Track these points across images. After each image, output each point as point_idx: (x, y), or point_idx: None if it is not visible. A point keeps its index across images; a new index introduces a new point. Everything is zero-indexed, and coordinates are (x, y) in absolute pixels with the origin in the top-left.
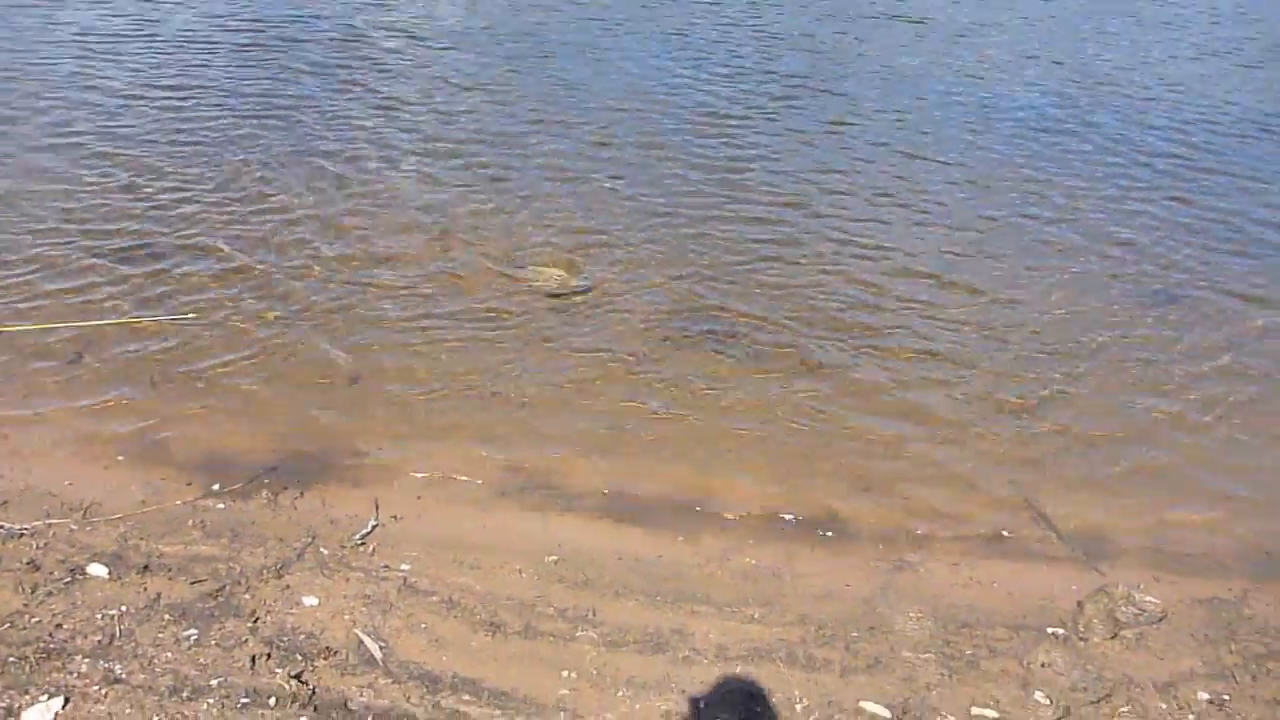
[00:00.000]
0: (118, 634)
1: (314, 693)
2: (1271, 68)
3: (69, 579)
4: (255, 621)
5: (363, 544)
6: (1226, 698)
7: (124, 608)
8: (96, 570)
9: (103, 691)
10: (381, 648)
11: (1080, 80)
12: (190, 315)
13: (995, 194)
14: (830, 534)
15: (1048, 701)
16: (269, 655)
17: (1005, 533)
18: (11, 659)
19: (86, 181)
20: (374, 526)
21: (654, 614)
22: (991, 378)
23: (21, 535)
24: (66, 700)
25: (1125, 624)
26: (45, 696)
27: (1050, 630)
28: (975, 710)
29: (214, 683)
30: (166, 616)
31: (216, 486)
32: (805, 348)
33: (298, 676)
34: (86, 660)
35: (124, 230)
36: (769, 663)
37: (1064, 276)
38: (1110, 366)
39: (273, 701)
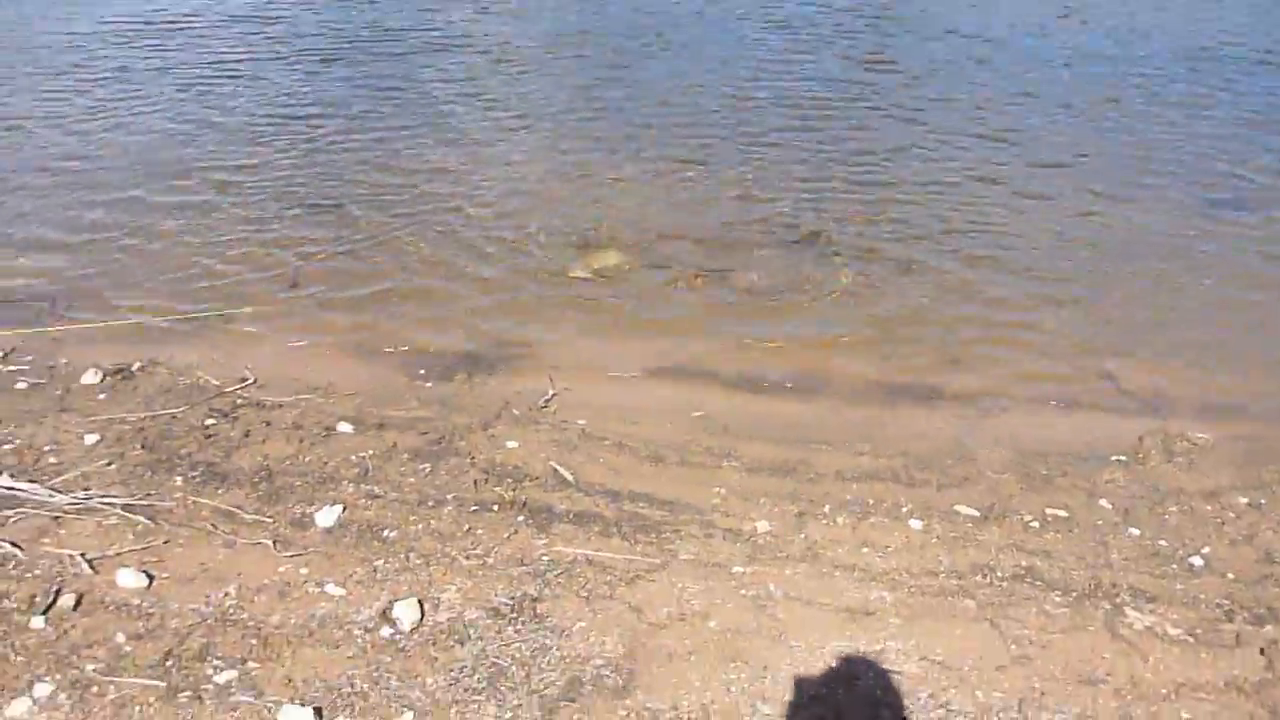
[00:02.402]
0: (370, 469)
1: (526, 503)
2: None
3: (325, 434)
4: (472, 459)
5: (545, 406)
6: (1262, 501)
7: (370, 452)
8: (344, 428)
9: (368, 503)
10: (572, 474)
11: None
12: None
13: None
14: (924, 394)
15: (1110, 506)
16: (487, 479)
17: (1077, 391)
18: (296, 484)
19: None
20: (553, 395)
21: (782, 451)
22: (1063, 273)
23: (282, 406)
24: (344, 508)
25: (1178, 453)
26: (328, 506)
27: (1114, 458)
28: (1049, 510)
29: (449, 496)
30: (404, 456)
31: (423, 371)
32: (902, 256)
33: (513, 491)
34: (351, 485)
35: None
36: (878, 482)
37: (1135, 192)
38: (1169, 261)
39: (496, 508)
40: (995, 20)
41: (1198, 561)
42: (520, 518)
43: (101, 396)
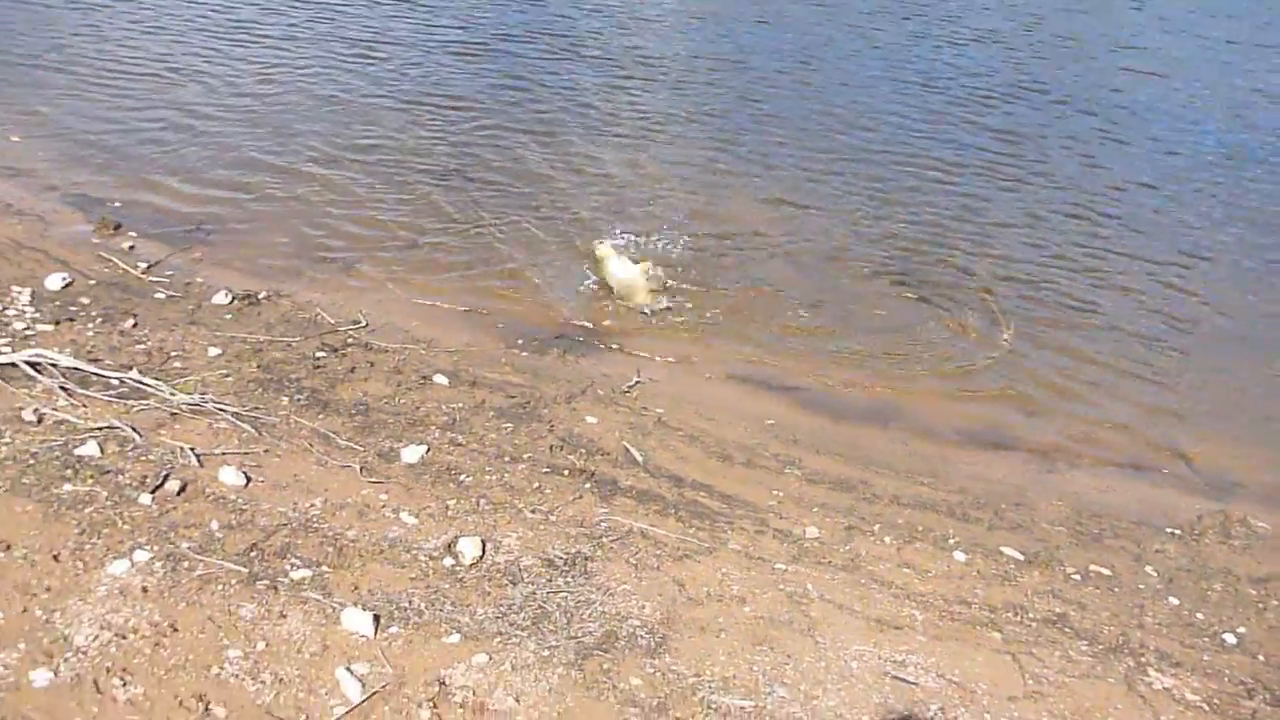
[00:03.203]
0: (457, 419)
1: (594, 473)
2: None
3: (421, 382)
4: (552, 426)
5: (628, 392)
6: None
7: (460, 405)
8: (440, 379)
9: (451, 449)
10: (642, 455)
11: None
12: None
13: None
14: (995, 441)
15: (1155, 573)
16: (562, 446)
17: (1146, 462)
18: (389, 422)
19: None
20: (636, 382)
21: (845, 468)
22: (1157, 351)
23: (387, 351)
24: (428, 449)
25: (1235, 535)
26: (414, 445)
27: (1169, 530)
28: (1093, 567)
29: (525, 456)
30: (490, 413)
31: (520, 342)
32: (999, 313)
33: (584, 461)
34: (438, 430)
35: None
36: (931, 511)
37: (1253, 288)
38: (1267, 357)
39: (566, 473)
40: (1137, 102)
41: (1230, 639)
42: (587, 485)
43: (228, 316)
